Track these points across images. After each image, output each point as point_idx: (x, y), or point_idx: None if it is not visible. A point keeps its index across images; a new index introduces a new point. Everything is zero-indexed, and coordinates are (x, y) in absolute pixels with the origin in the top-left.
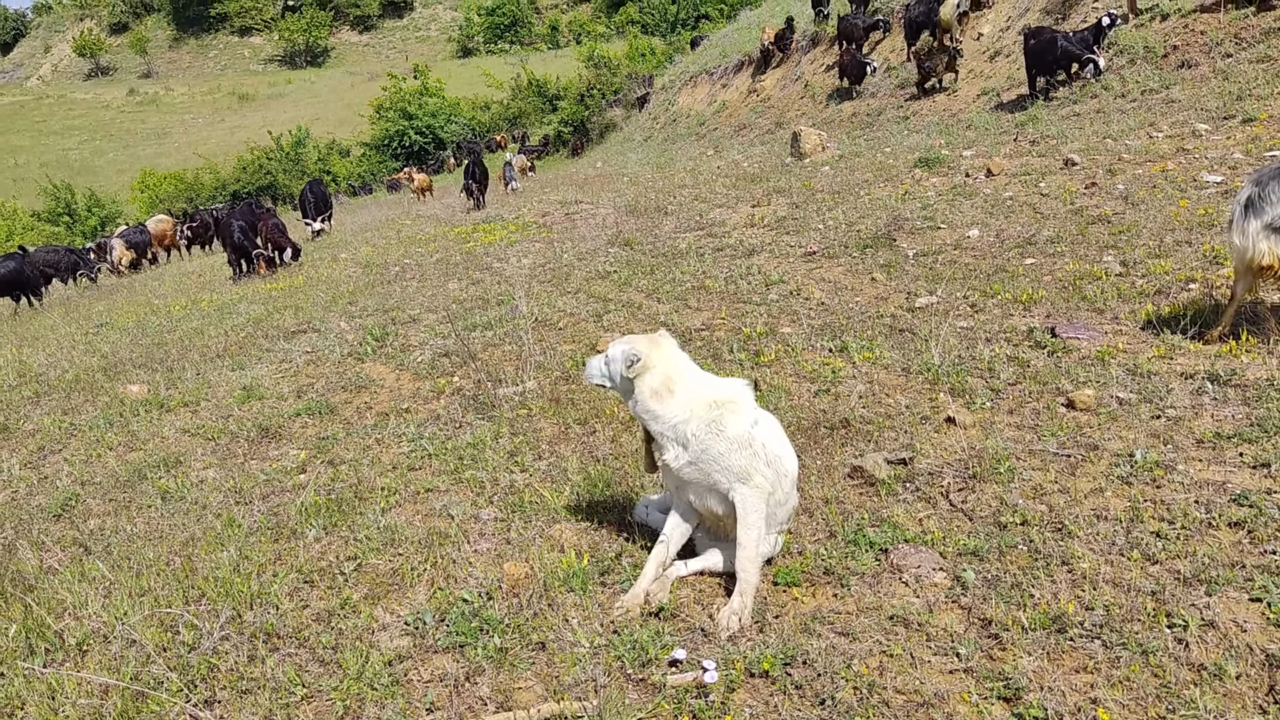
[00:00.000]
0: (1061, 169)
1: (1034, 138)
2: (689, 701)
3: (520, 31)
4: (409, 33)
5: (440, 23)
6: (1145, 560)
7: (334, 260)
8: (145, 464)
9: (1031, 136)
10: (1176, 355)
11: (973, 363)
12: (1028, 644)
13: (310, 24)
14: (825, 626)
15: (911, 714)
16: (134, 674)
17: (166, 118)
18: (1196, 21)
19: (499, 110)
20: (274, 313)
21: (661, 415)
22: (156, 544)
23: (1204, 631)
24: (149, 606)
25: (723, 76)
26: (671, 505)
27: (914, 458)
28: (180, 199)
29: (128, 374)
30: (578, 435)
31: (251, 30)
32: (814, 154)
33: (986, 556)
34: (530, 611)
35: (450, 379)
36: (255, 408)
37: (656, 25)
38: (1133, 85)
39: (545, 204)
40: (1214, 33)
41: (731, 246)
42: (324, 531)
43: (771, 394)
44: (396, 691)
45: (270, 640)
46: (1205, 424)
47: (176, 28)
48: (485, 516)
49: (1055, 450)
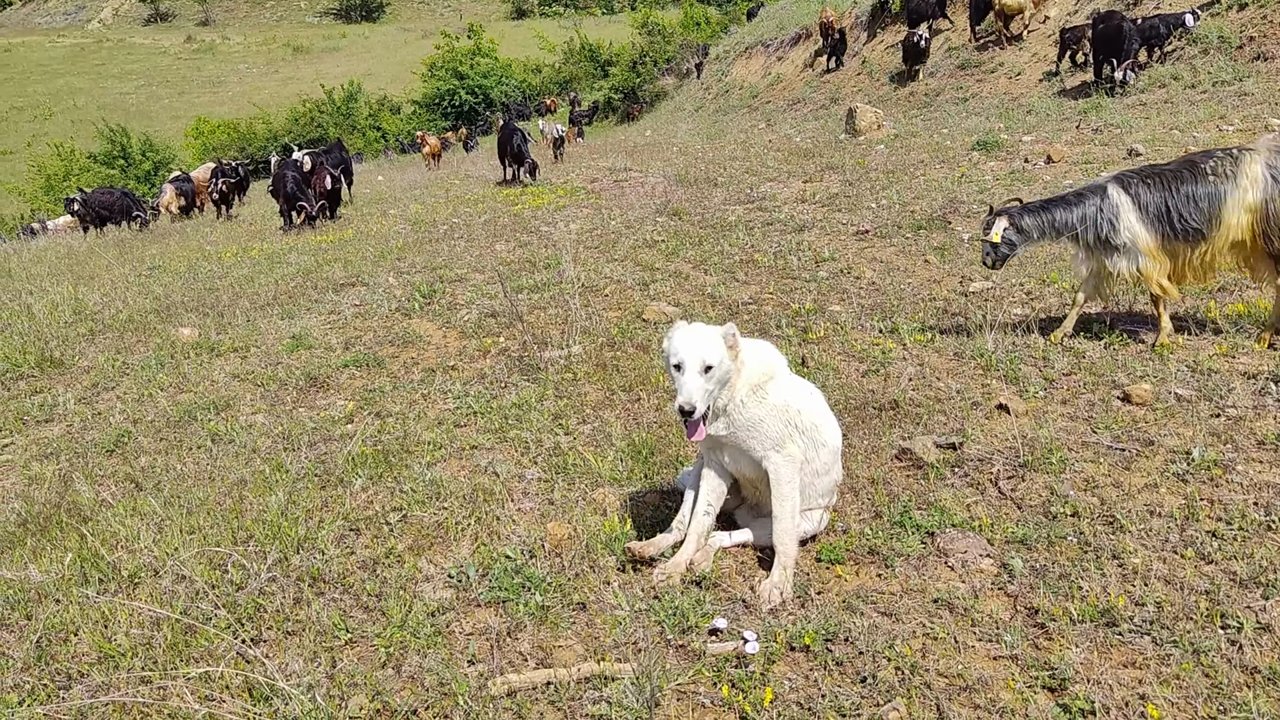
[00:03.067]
0: (1125, 159)
1: (1097, 126)
2: (729, 671)
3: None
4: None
5: None
6: (1199, 559)
7: (383, 216)
8: (195, 405)
9: (1095, 125)
10: (1239, 354)
11: (1026, 351)
12: (1075, 635)
13: None
14: (868, 605)
15: (954, 697)
16: (184, 609)
17: (222, 66)
18: (1276, 13)
19: (550, 74)
20: (323, 265)
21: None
22: (206, 485)
23: (1259, 635)
24: (199, 544)
25: (778, 49)
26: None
27: (964, 443)
28: (232, 147)
29: (179, 317)
30: (622, 402)
31: None
32: (869, 132)
33: (1035, 546)
34: (572, 572)
35: (496, 339)
36: (304, 357)
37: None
38: (1204, 76)
39: (594, 170)
40: None
41: (781, 221)
42: (370, 481)
43: (819, 371)
44: (438, 641)
45: (316, 584)
46: (1268, 425)
47: None
48: (530, 476)
49: (1109, 443)
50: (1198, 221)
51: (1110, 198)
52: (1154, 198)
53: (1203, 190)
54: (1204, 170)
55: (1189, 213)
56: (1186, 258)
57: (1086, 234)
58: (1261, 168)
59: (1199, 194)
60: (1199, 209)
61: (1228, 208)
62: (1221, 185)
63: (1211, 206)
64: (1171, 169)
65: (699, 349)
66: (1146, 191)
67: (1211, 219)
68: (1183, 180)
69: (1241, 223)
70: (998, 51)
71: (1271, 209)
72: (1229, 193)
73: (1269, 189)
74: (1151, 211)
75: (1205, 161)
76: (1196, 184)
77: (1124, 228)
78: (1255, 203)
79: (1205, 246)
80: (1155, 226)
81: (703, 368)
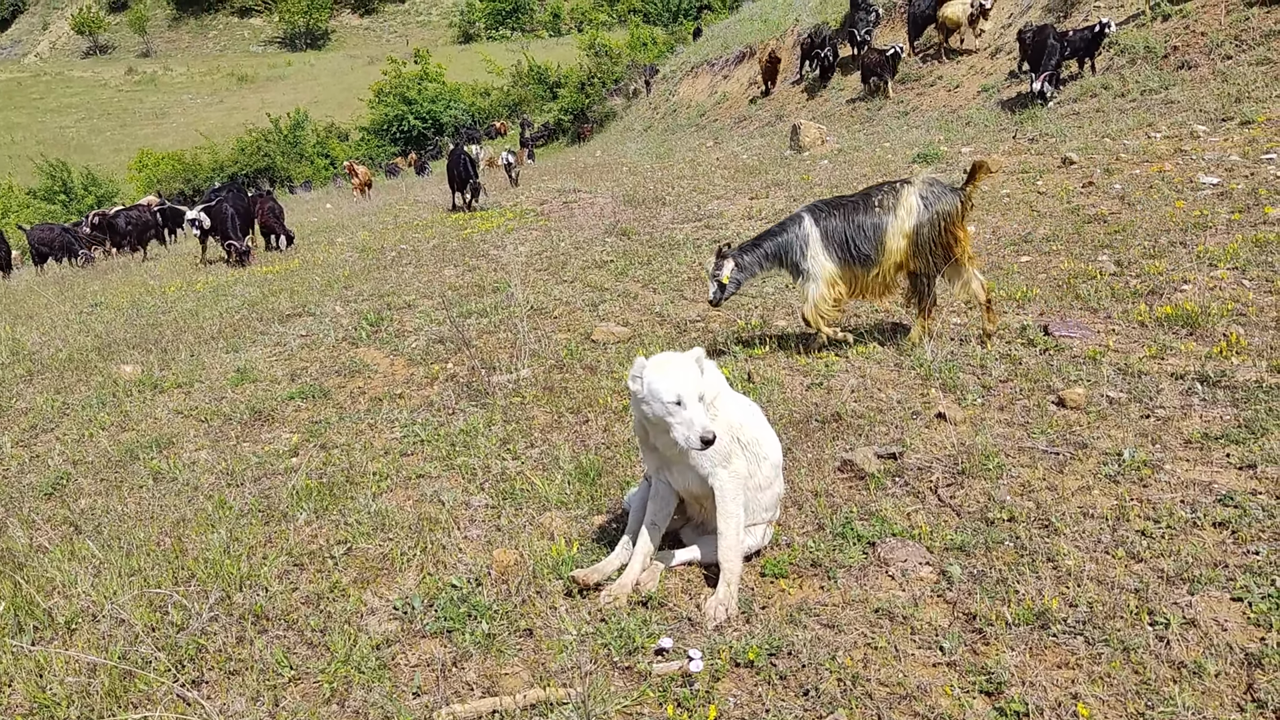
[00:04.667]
0: (1059, 167)
1: (1033, 136)
2: (674, 690)
3: (521, 18)
4: (410, 17)
5: (441, 7)
6: (1130, 558)
7: (330, 244)
8: (137, 444)
9: (1031, 134)
10: (1168, 355)
11: (965, 359)
12: (1011, 639)
13: (311, 6)
14: (811, 618)
15: (894, 706)
16: (122, 653)
17: (165, 97)
18: (1198, 23)
19: (499, 97)
20: (269, 296)
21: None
22: (147, 524)
23: (1185, 630)
24: (138, 586)
25: (724, 68)
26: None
27: (904, 452)
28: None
29: (121, 354)
30: (570, 424)
31: (251, 11)
32: (813, 147)
33: (973, 552)
34: (519, 598)
35: (444, 365)
36: (248, 390)
37: (659, 14)
38: (1133, 85)
39: (543, 192)
40: (1215, 34)
41: (729, 239)
42: (315, 515)
43: (765, 386)
44: (384, 675)
45: (259, 622)
46: (1194, 424)
47: (176, 7)
48: (476, 503)
49: (1044, 448)
50: (868, 249)
51: (804, 226)
52: (837, 227)
53: (871, 221)
54: (873, 202)
55: (861, 241)
56: (863, 280)
57: (788, 260)
58: (916, 198)
59: (869, 224)
60: (868, 238)
61: (890, 235)
62: (885, 216)
63: (878, 235)
64: (852, 200)
65: (692, 381)
66: (832, 221)
67: (879, 245)
68: (859, 211)
69: (901, 247)
70: (937, 65)
71: (920, 233)
72: (890, 222)
73: (921, 215)
74: (835, 239)
75: (875, 194)
76: (868, 215)
77: (810, 255)
78: (910, 229)
79: (876, 270)
80: (837, 253)
81: (698, 397)
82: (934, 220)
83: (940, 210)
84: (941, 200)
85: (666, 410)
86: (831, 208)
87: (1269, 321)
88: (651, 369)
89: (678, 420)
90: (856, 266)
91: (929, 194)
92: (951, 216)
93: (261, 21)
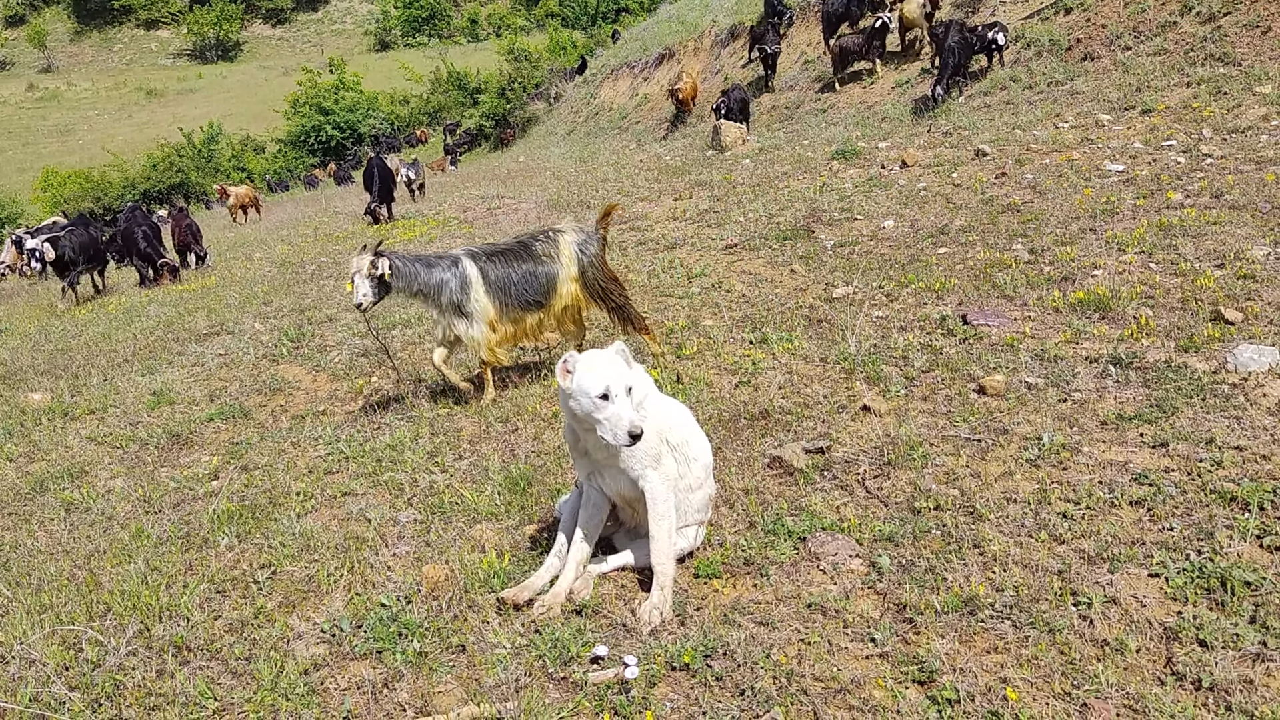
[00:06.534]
0: (973, 159)
1: (947, 129)
2: (610, 698)
3: (439, 24)
4: (324, 26)
5: (356, 16)
6: (1052, 541)
7: (248, 260)
8: (48, 475)
9: (945, 128)
10: (1082, 340)
11: (887, 351)
12: (941, 627)
13: (220, 17)
14: (745, 617)
15: (829, 701)
16: (33, 695)
17: (69, 114)
18: (1098, 15)
19: (419, 104)
20: (185, 315)
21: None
22: (59, 558)
23: (1107, 608)
24: (50, 624)
25: (644, 70)
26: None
27: (831, 446)
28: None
29: (29, 381)
30: (499, 434)
31: (158, 23)
32: (735, 147)
33: (901, 542)
34: (450, 614)
35: (369, 379)
36: (165, 413)
37: (577, 18)
38: (1040, 77)
39: (466, 199)
40: (1114, 26)
41: (654, 240)
42: (237, 539)
43: (694, 386)
44: (312, 701)
45: (180, 653)
46: (1109, 406)
47: (77, 20)
48: (404, 519)
49: (966, 435)
50: (538, 294)
51: (463, 269)
52: (498, 273)
53: (543, 270)
54: (537, 252)
55: (531, 287)
56: (527, 323)
57: (440, 298)
58: (573, 248)
59: (540, 272)
60: (539, 284)
61: (560, 281)
62: (553, 265)
63: (549, 283)
64: (512, 249)
65: (619, 374)
66: (492, 267)
67: (549, 291)
68: (522, 259)
69: (572, 291)
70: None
71: (587, 276)
72: (559, 271)
73: (582, 261)
74: (495, 285)
75: (534, 244)
76: (537, 264)
77: (473, 298)
78: (576, 275)
79: (543, 313)
80: (498, 297)
81: (626, 390)
82: (593, 262)
83: (594, 253)
84: (591, 244)
85: (594, 405)
86: (489, 255)
87: (1175, 303)
88: (580, 363)
89: (605, 415)
90: (522, 310)
91: (581, 240)
92: (600, 256)
93: (169, 34)
